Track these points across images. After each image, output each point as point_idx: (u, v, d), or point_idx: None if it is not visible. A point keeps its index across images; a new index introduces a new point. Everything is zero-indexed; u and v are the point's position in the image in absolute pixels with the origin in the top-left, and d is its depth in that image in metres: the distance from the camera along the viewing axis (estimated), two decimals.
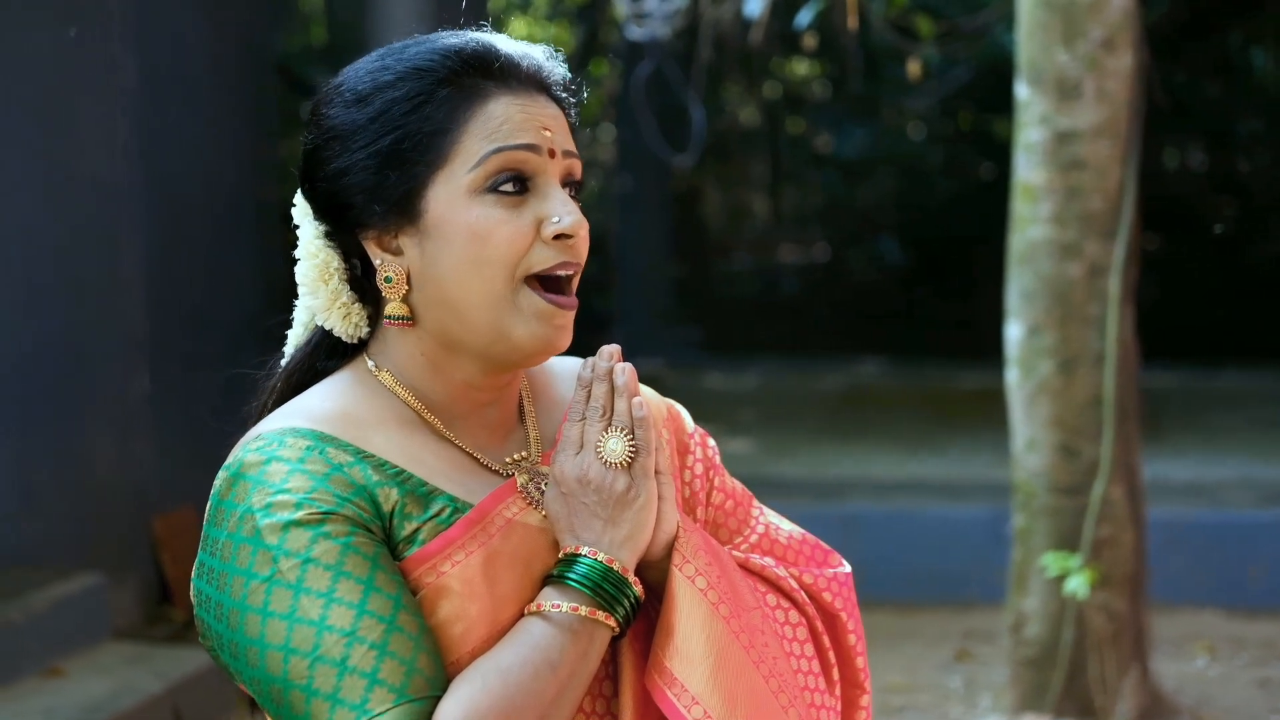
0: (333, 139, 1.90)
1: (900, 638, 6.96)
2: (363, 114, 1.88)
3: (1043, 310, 5.46)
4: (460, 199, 1.85)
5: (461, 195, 1.85)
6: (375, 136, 1.87)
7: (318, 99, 1.95)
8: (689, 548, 1.90)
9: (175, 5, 7.37)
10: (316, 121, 1.93)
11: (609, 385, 1.91)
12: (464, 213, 1.85)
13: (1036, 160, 5.43)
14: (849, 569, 2.14)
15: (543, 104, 1.90)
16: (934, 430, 9.78)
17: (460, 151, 1.85)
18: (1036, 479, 5.50)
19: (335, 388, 1.93)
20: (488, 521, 1.86)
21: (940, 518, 7.68)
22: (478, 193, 1.85)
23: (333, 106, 1.91)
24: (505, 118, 1.87)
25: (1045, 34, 5.40)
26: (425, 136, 1.86)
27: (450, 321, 1.88)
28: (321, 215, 1.93)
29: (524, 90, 1.89)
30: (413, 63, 1.88)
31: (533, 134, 1.87)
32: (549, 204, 1.87)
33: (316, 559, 1.76)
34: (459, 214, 1.85)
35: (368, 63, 1.92)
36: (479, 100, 1.87)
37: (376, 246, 1.89)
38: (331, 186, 1.90)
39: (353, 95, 1.89)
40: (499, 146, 1.85)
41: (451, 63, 1.87)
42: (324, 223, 1.93)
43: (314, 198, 1.94)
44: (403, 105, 1.86)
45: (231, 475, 1.82)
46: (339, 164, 1.89)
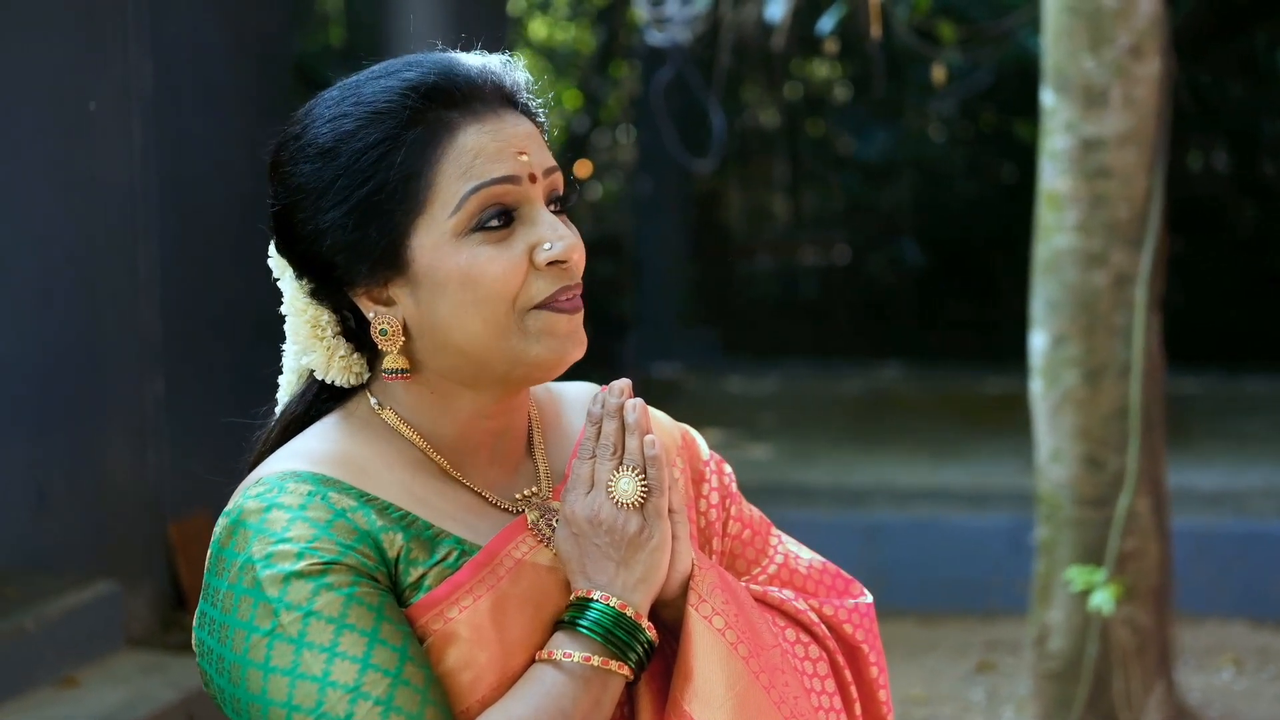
0: (301, 199, 1.81)
1: (922, 648, 6.90)
2: (329, 169, 1.80)
3: (1068, 320, 5.39)
4: (445, 244, 1.78)
5: (446, 240, 1.78)
6: (346, 192, 1.79)
7: (277, 154, 1.86)
8: (705, 586, 1.85)
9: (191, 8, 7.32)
10: (281, 180, 1.84)
11: (619, 422, 1.85)
12: (452, 258, 1.78)
13: (1062, 168, 5.36)
14: (870, 599, 2.08)
15: (512, 122, 1.83)
16: (956, 437, 9.71)
17: (437, 194, 1.78)
18: (1061, 491, 5.43)
19: (337, 427, 1.87)
20: (496, 563, 1.80)
21: (963, 526, 7.61)
22: (463, 234, 1.78)
23: (296, 163, 1.82)
24: (478, 150, 1.79)
25: (1071, 40, 5.33)
26: (398, 184, 1.78)
27: (461, 364, 1.82)
28: (303, 274, 1.86)
29: (490, 112, 1.82)
30: (371, 106, 1.80)
31: (509, 163, 1.80)
32: (538, 231, 1.80)
33: (319, 612, 1.70)
34: (447, 260, 1.78)
35: (325, 108, 1.83)
36: (446, 136, 1.79)
37: (367, 300, 1.83)
38: (309, 249, 1.82)
39: (315, 150, 1.81)
40: (477, 185, 1.78)
41: (411, 100, 1.79)
42: (308, 280, 1.86)
43: (292, 259, 1.86)
44: (370, 155, 1.78)
45: (231, 523, 1.76)
46: (313, 225, 1.81)
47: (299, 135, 1.83)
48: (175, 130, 7.03)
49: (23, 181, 6.29)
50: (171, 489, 6.82)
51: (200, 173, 7.25)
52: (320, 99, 1.85)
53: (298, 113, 1.86)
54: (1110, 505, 5.38)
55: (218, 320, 7.21)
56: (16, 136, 6.29)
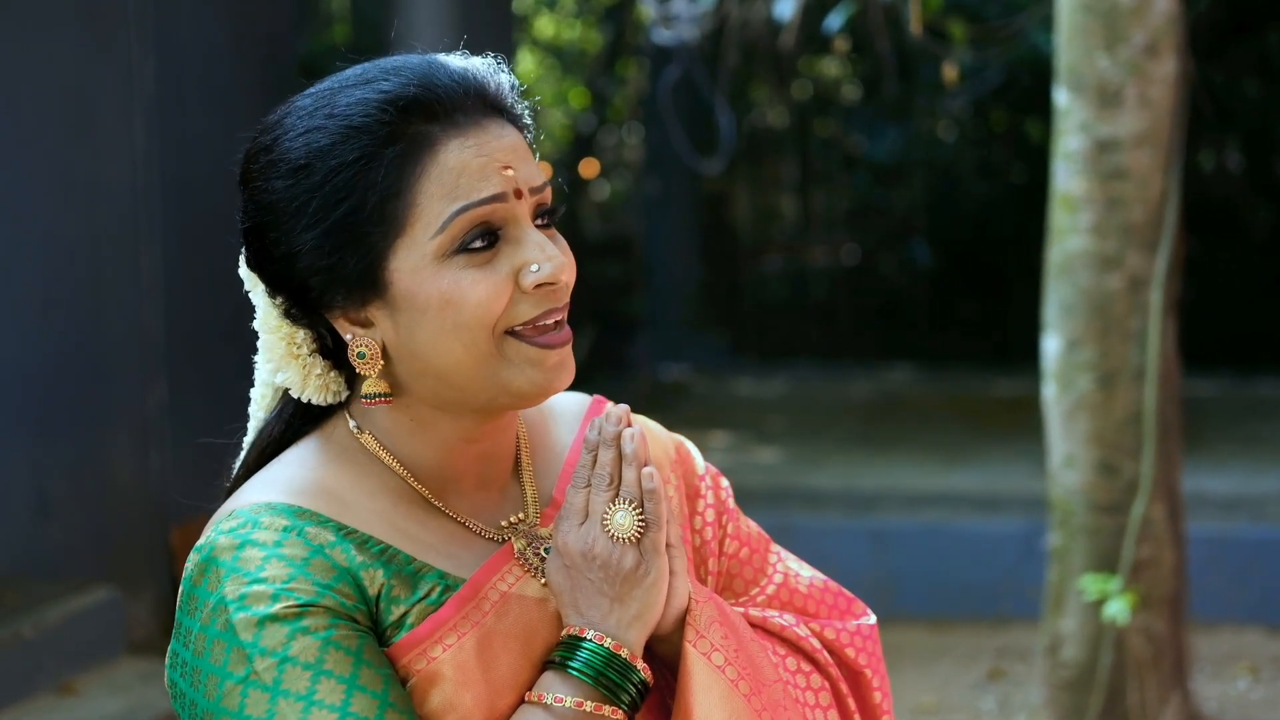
0: (273, 218, 1.72)
1: (932, 655, 6.82)
2: (302, 187, 1.70)
3: (1082, 323, 5.31)
4: (426, 267, 1.69)
5: (428, 263, 1.69)
6: (321, 212, 1.69)
7: (246, 166, 1.76)
8: (703, 621, 1.77)
9: (195, 6, 7.26)
10: (251, 196, 1.75)
11: (617, 451, 1.76)
12: (433, 281, 1.69)
13: (1076, 169, 5.28)
14: (874, 620, 2.01)
15: (495, 133, 1.73)
16: (967, 440, 9.63)
17: (419, 215, 1.69)
18: (1074, 497, 5.35)
19: (314, 454, 1.78)
20: (481, 597, 1.72)
21: (973, 531, 7.53)
22: (445, 256, 1.69)
23: (267, 179, 1.73)
24: (461, 168, 1.69)
25: (1086, 39, 5.24)
26: (376, 204, 1.69)
27: (442, 389, 1.73)
28: (277, 294, 1.77)
29: (473, 125, 1.72)
30: (347, 120, 1.70)
31: (495, 180, 1.70)
32: (525, 252, 1.72)
33: (294, 657, 1.62)
34: (427, 283, 1.69)
35: (298, 119, 1.73)
36: (428, 152, 1.69)
37: (345, 321, 1.74)
38: (283, 269, 1.74)
39: (288, 166, 1.71)
40: (462, 206, 1.69)
41: (389, 114, 1.70)
42: (282, 299, 1.77)
43: (264, 278, 1.77)
44: (346, 173, 1.69)
45: (204, 560, 1.67)
46: (286, 246, 1.72)
47: (269, 148, 1.74)
48: (179, 130, 6.97)
49: (24, 183, 6.24)
50: (174, 494, 6.75)
51: (204, 173, 7.17)
52: (292, 108, 1.75)
53: (267, 121, 1.77)
54: (1124, 512, 5.30)
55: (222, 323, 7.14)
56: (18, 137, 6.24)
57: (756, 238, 15.62)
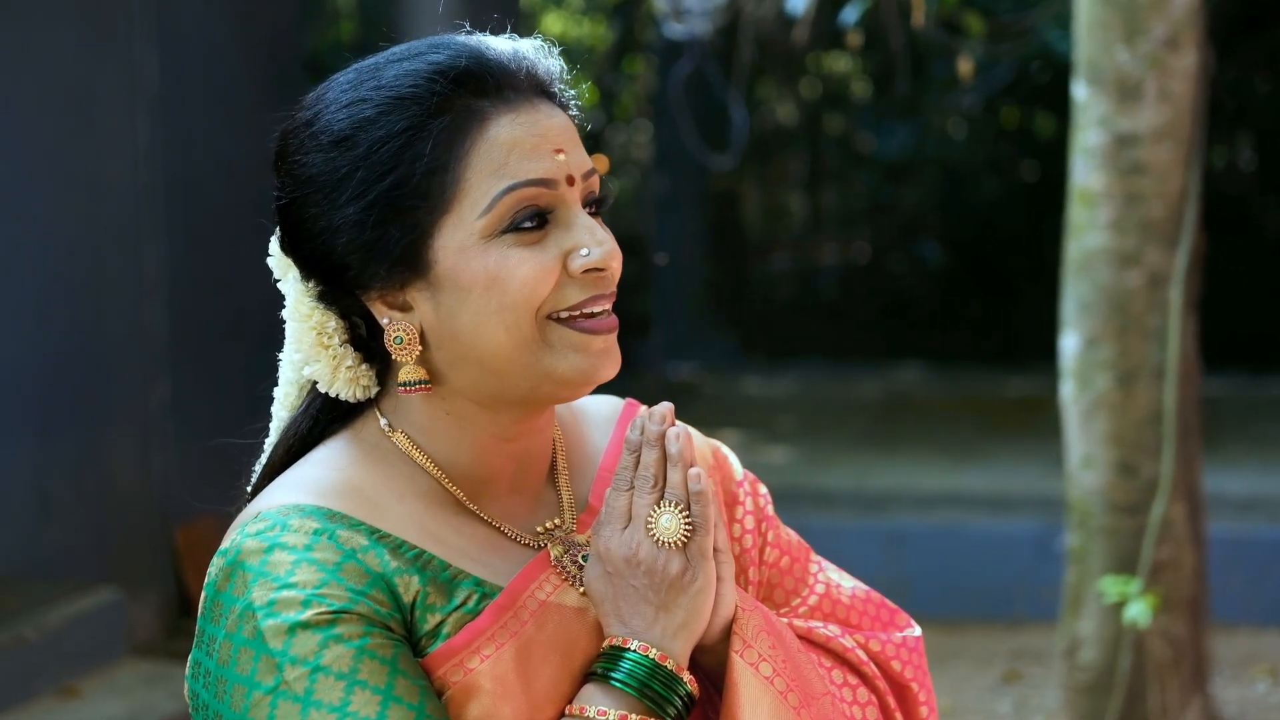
0: (313, 192, 1.65)
1: (946, 657, 6.73)
2: (345, 159, 1.63)
3: (1101, 321, 5.22)
4: (473, 246, 1.62)
5: (474, 242, 1.62)
6: (364, 185, 1.62)
7: (284, 142, 1.68)
8: (750, 631, 1.68)
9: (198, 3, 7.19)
10: (289, 171, 1.67)
11: (661, 452, 1.67)
12: (479, 260, 1.62)
13: (1095, 164, 5.19)
14: (918, 632, 1.92)
15: (546, 113, 1.66)
16: (980, 440, 9.55)
17: (466, 191, 1.61)
18: (1093, 497, 5.26)
19: (343, 453, 1.69)
20: (519, 606, 1.64)
21: (987, 532, 7.45)
22: (492, 236, 1.62)
23: (307, 153, 1.65)
24: (512, 144, 1.62)
25: (1105, 32, 5.15)
26: (422, 178, 1.61)
27: (483, 378, 1.65)
28: (311, 276, 1.69)
29: (524, 102, 1.65)
30: (394, 90, 1.63)
31: (545, 162, 1.63)
32: (575, 235, 1.64)
33: (327, 667, 1.53)
34: (474, 262, 1.62)
35: (340, 92, 1.66)
36: (477, 126, 1.62)
37: (382, 305, 1.66)
38: (320, 247, 1.65)
39: (329, 138, 1.64)
40: (511, 185, 1.61)
41: (439, 86, 1.62)
42: (316, 283, 1.69)
43: (300, 259, 1.69)
44: (391, 145, 1.61)
45: (229, 564, 1.59)
46: (326, 221, 1.64)
47: (310, 122, 1.66)
48: (182, 128, 6.90)
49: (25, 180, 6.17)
50: (178, 493, 6.68)
51: (208, 171, 7.11)
52: (333, 82, 1.68)
53: (307, 97, 1.69)
54: (1144, 513, 5.20)
55: (225, 322, 7.07)
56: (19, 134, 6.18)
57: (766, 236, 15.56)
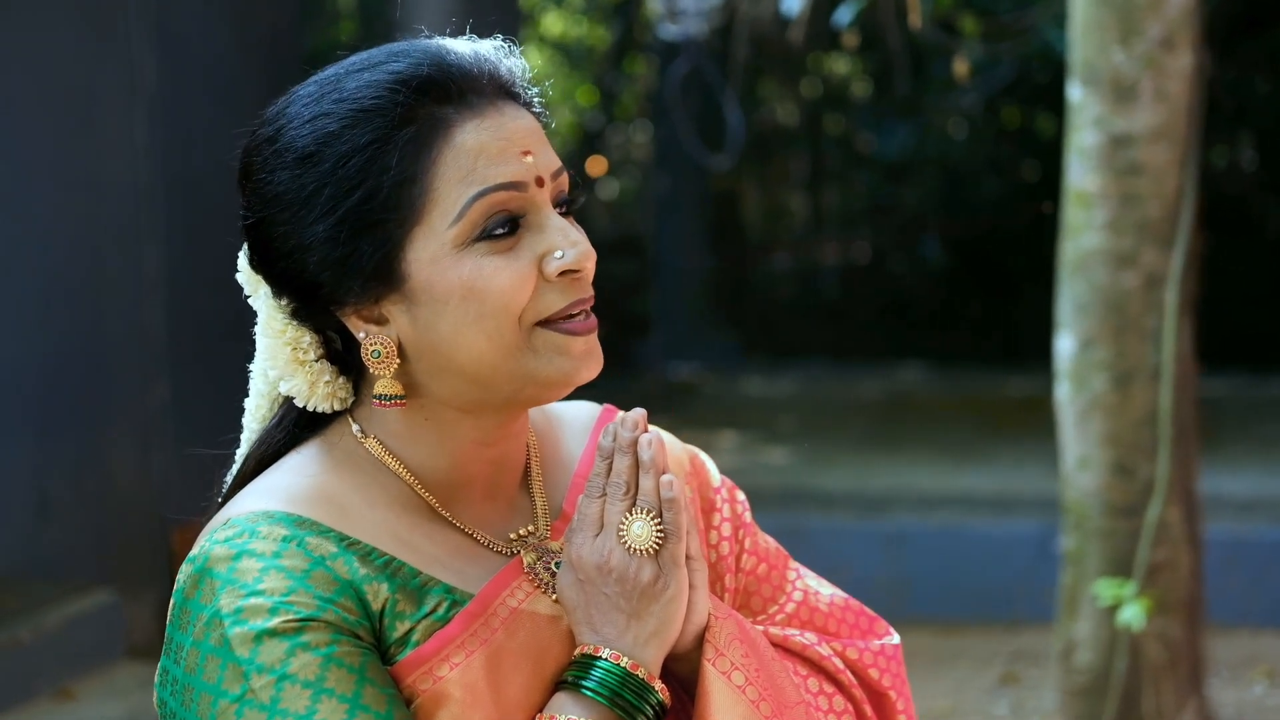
0: (280, 210, 1.64)
1: (944, 659, 6.72)
2: (311, 176, 1.62)
3: (1096, 322, 5.21)
4: (446, 256, 1.61)
5: (447, 252, 1.61)
6: (333, 202, 1.61)
7: (248, 160, 1.68)
8: (723, 639, 1.68)
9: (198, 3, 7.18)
10: (255, 189, 1.66)
11: (633, 458, 1.67)
12: (453, 271, 1.61)
13: (1090, 165, 5.18)
14: (897, 639, 1.92)
15: (512, 115, 1.66)
16: (980, 440, 9.55)
17: (435, 201, 1.61)
18: (1089, 499, 5.25)
19: (315, 460, 1.69)
20: (490, 614, 1.64)
21: (986, 533, 7.44)
22: (465, 245, 1.62)
23: (272, 170, 1.64)
24: (478, 150, 1.62)
25: (1101, 32, 5.14)
26: (391, 191, 1.61)
27: (465, 386, 1.65)
28: (283, 293, 1.68)
29: (488, 105, 1.65)
30: (357, 103, 1.62)
31: (513, 165, 1.63)
32: (548, 238, 1.64)
33: (294, 675, 1.54)
34: (448, 273, 1.61)
35: (302, 106, 1.65)
36: (443, 134, 1.62)
37: (357, 319, 1.65)
38: (291, 265, 1.65)
39: (294, 155, 1.63)
40: (480, 191, 1.61)
41: (401, 95, 1.62)
42: (289, 300, 1.68)
43: (270, 277, 1.68)
44: (357, 159, 1.61)
45: (197, 571, 1.59)
46: (296, 240, 1.63)
47: (273, 139, 1.66)
48: (182, 128, 6.90)
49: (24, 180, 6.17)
50: (176, 495, 6.68)
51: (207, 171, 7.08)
52: (294, 96, 1.68)
53: (268, 112, 1.69)
54: (1140, 515, 5.19)
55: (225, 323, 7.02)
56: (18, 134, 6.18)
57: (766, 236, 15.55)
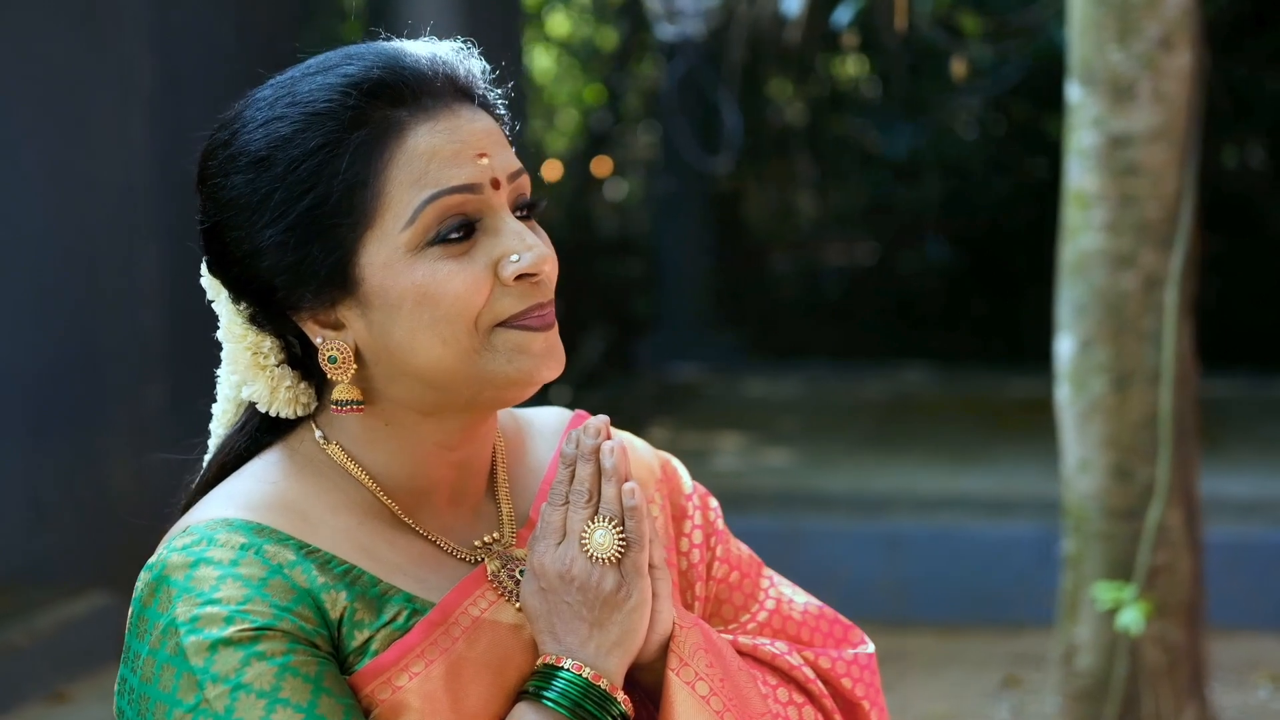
0: (234, 214, 1.62)
1: (944, 662, 6.68)
2: (263, 180, 1.60)
3: (1095, 324, 5.18)
4: (399, 261, 1.59)
5: (400, 256, 1.59)
6: (284, 206, 1.60)
7: (204, 164, 1.66)
8: (687, 648, 1.67)
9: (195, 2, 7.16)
10: (210, 194, 1.65)
11: (595, 466, 1.65)
12: (406, 275, 1.59)
13: (1089, 166, 5.15)
14: (872, 648, 1.89)
15: (468, 117, 1.64)
16: (982, 441, 9.50)
17: (388, 205, 1.59)
18: (1089, 502, 5.22)
19: (275, 466, 1.68)
20: (451, 622, 1.62)
21: (987, 535, 7.40)
22: (418, 249, 1.59)
23: (226, 175, 1.63)
24: (431, 152, 1.60)
25: (1098, 32, 5.11)
26: (342, 195, 1.59)
27: (423, 391, 1.63)
28: (241, 298, 1.67)
29: (442, 109, 1.63)
30: (309, 106, 1.60)
31: (468, 168, 1.61)
32: (503, 241, 1.62)
33: (248, 685, 1.52)
34: (400, 278, 1.59)
35: (257, 110, 1.63)
36: (395, 137, 1.60)
37: (314, 324, 1.64)
38: (245, 270, 1.64)
39: (247, 159, 1.61)
40: (432, 194, 1.59)
41: (353, 99, 1.60)
42: (247, 304, 1.67)
43: (227, 281, 1.67)
44: (308, 163, 1.59)
45: (154, 579, 1.58)
46: (249, 245, 1.62)
47: (228, 142, 1.64)
48: (177, 127, 6.86)
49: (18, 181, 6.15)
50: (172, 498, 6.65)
51: None
52: (251, 100, 1.66)
53: (225, 116, 1.67)
54: (1140, 517, 5.16)
55: None
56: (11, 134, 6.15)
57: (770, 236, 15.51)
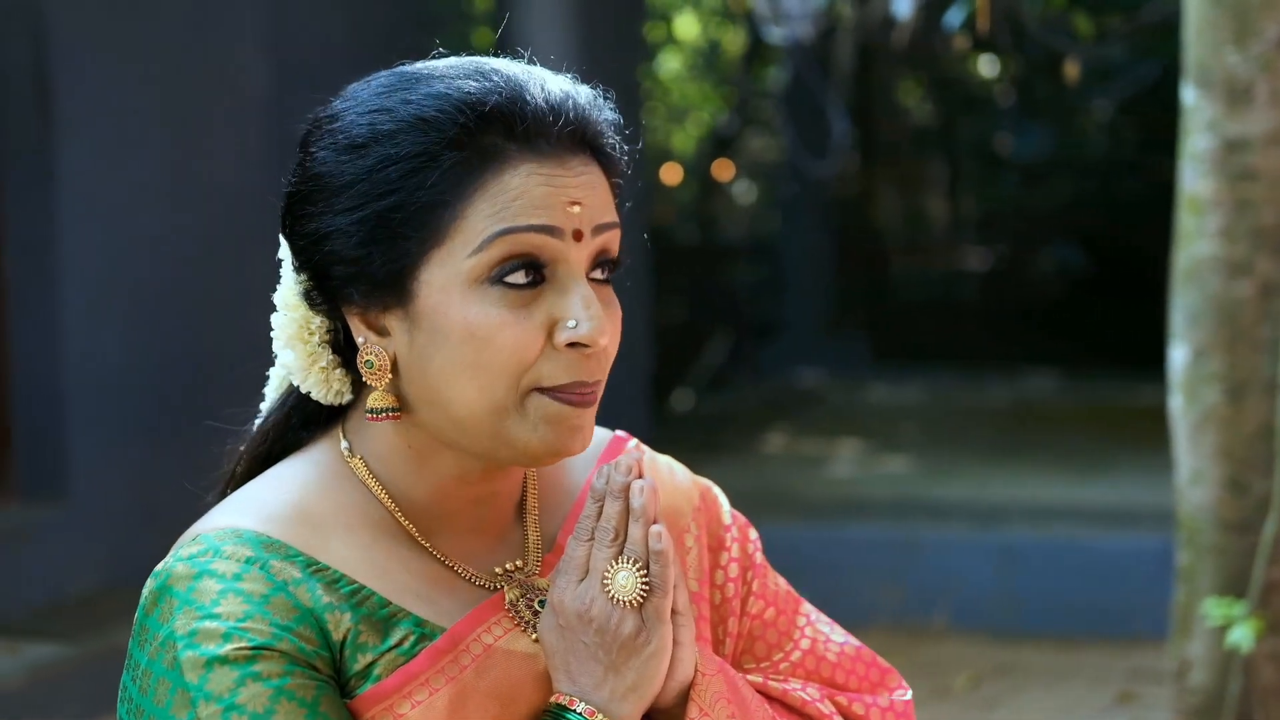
0: (316, 190, 1.57)
1: (1059, 676, 6.55)
2: (354, 167, 1.55)
3: (1209, 332, 5.05)
4: (457, 288, 1.52)
5: (459, 284, 1.52)
6: (363, 199, 1.54)
7: (309, 130, 1.62)
8: (708, 697, 1.60)
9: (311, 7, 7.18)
10: (303, 161, 1.60)
11: (624, 504, 1.58)
12: (460, 307, 1.52)
13: (1203, 170, 5.03)
14: (909, 695, 1.81)
15: (578, 168, 1.55)
16: (1105, 451, 9.33)
17: (462, 229, 1.52)
18: (1202, 514, 5.08)
19: (297, 474, 1.63)
20: (460, 650, 1.56)
21: (1106, 547, 7.25)
22: (479, 283, 1.52)
23: (323, 147, 1.58)
24: (521, 191, 1.52)
25: (1214, 33, 4.98)
26: (422, 208, 1.52)
27: (443, 422, 1.56)
28: (301, 270, 1.62)
29: (554, 154, 1.54)
30: (418, 110, 1.54)
31: (554, 212, 1.52)
32: (567, 303, 1.53)
33: (241, 706, 1.47)
34: (455, 308, 1.52)
35: (370, 95, 1.58)
36: (494, 168, 1.53)
37: (360, 322, 1.59)
38: (310, 248, 1.59)
39: (346, 139, 1.56)
40: (506, 228, 1.51)
41: (465, 118, 1.53)
42: (305, 279, 1.62)
43: (293, 250, 1.62)
44: (400, 166, 1.53)
45: (158, 588, 1.53)
46: (319, 224, 1.57)
47: (335, 116, 1.59)
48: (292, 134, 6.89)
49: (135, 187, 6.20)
50: None
51: None
52: (372, 81, 1.61)
53: (347, 88, 1.62)
54: (1255, 531, 5.01)
55: None
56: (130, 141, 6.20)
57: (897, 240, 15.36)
